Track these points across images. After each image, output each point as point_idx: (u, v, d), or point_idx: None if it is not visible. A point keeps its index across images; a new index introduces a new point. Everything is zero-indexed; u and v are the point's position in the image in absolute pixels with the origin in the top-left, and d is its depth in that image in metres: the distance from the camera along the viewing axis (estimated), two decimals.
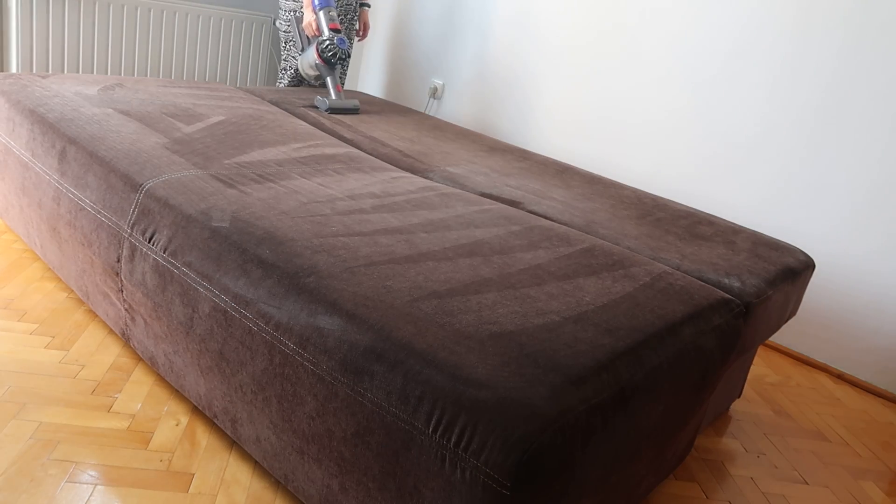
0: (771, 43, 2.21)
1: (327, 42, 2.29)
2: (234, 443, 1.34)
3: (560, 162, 2.14)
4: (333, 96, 2.30)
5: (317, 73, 2.39)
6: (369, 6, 2.75)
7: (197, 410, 1.41)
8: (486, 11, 2.98)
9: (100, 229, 1.43)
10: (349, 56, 2.40)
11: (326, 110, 2.23)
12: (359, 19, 2.71)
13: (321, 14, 2.34)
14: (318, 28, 2.38)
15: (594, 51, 2.66)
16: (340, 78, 2.55)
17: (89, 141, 1.54)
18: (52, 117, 1.65)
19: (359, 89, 3.58)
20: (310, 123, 2.14)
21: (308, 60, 2.39)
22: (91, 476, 1.19)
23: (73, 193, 1.50)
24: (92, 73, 2.64)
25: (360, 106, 2.34)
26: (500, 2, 2.93)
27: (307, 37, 2.46)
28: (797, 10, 2.15)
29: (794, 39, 2.16)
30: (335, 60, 2.32)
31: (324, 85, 2.64)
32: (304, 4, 2.43)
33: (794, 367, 2.21)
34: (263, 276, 1.12)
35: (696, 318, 1.22)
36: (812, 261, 1.71)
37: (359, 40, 2.75)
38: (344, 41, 2.32)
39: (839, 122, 2.11)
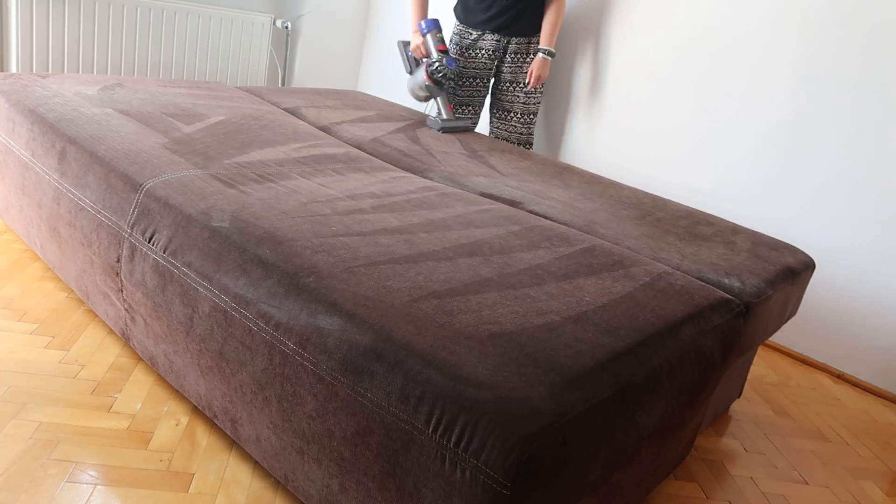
0: (772, 43, 2.21)
1: (437, 63, 2.34)
2: (234, 443, 1.34)
3: (560, 162, 2.14)
4: (445, 115, 2.35)
5: (426, 93, 2.43)
6: (551, 56, 2.44)
7: (197, 410, 1.42)
8: None
9: (100, 229, 1.43)
10: (457, 76, 2.45)
11: (440, 130, 2.28)
12: (532, 65, 2.46)
13: (428, 37, 2.38)
14: (426, 51, 2.40)
15: (597, 48, 2.66)
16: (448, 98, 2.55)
17: (89, 141, 1.54)
18: (52, 117, 1.65)
19: (359, 89, 3.58)
20: (309, 123, 2.14)
21: (417, 82, 2.43)
22: (91, 476, 1.19)
23: (73, 193, 1.50)
24: (92, 73, 2.64)
25: (472, 123, 2.38)
26: None
27: (415, 59, 2.49)
28: (798, 10, 2.15)
29: (795, 39, 2.16)
30: (445, 81, 2.38)
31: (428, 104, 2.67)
32: (412, 30, 2.46)
33: (794, 367, 2.21)
34: (263, 276, 1.12)
35: (696, 318, 1.22)
36: (812, 261, 1.71)
37: (525, 87, 2.50)
38: (453, 61, 2.35)
39: (839, 121, 2.11)
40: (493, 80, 2.59)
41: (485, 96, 2.60)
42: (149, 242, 1.31)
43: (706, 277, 1.46)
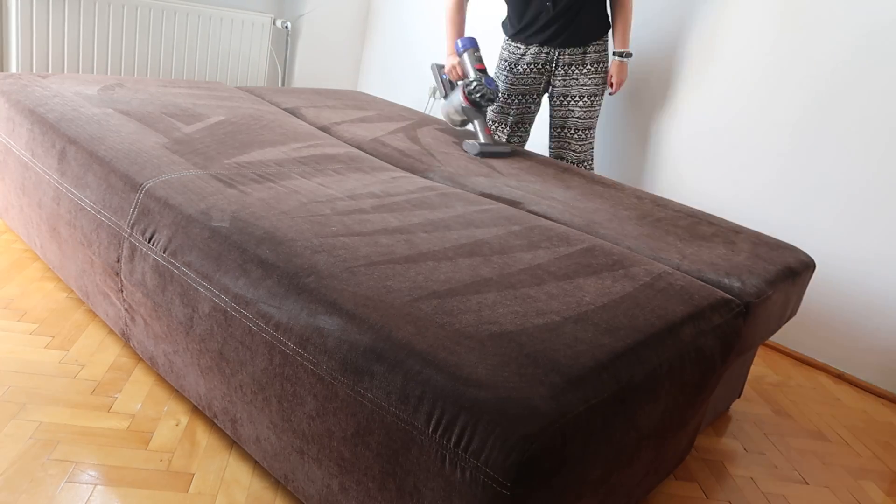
0: (771, 42, 2.21)
1: (475, 83, 2.12)
2: (234, 443, 1.34)
3: (561, 162, 2.14)
4: (483, 139, 2.12)
5: (463, 117, 2.21)
6: (628, 57, 2.25)
7: (197, 410, 1.42)
8: (486, 11, 2.98)
9: (100, 229, 1.43)
10: (497, 96, 2.17)
11: (477, 154, 2.07)
12: (610, 70, 2.27)
13: (465, 56, 2.18)
14: (463, 71, 2.19)
15: None
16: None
17: (89, 141, 1.54)
18: (52, 117, 1.65)
19: (359, 89, 3.59)
20: (309, 123, 2.14)
21: (453, 105, 2.21)
22: (91, 476, 1.19)
23: (72, 193, 1.50)
24: (92, 73, 2.64)
25: (512, 148, 2.18)
26: (500, 2, 2.93)
27: (450, 82, 2.30)
28: (796, 9, 2.15)
29: (794, 40, 2.16)
30: (484, 102, 2.14)
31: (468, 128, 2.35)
32: (447, 51, 2.27)
33: (794, 367, 2.21)
34: (263, 276, 1.12)
35: (696, 318, 1.22)
36: (812, 261, 1.71)
37: (609, 93, 2.31)
38: (492, 81, 2.13)
39: (840, 121, 2.11)
40: (546, 96, 2.35)
41: (535, 113, 2.40)
42: (149, 242, 1.31)
43: (706, 277, 1.46)
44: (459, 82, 2.20)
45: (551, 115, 2.34)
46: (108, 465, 1.22)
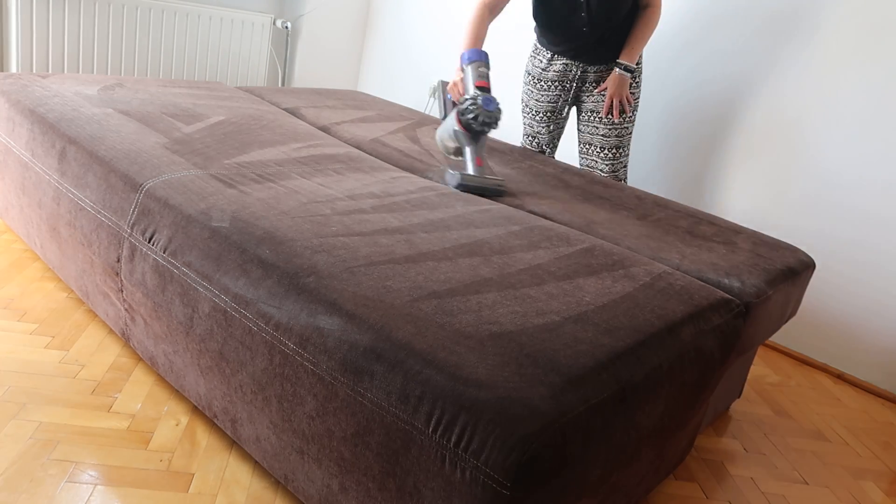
0: (769, 40, 2.21)
1: (469, 102, 1.71)
2: (234, 443, 1.34)
3: (561, 162, 2.14)
4: (470, 170, 1.73)
5: (456, 144, 1.80)
6: (629, 73, 2.06)
7: (197, 410, 1.42)
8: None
9: (100, 229, 1.43)
10: (497, 122, 1.74)
11: (457, 187, 1.70)
12: (605, 82, 2.10)
13: (468, 70, 1.78)
14: (464, 87, 1.80)
15: None
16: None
17: (89, 141, 1.54)
18: (52, 117, 1.65)
19: (359, 89, 3.59)
20: (309, 123, 2.14)
21: (447, 129, 1.81)
22: (91, 476, 1.19)
23: (73, 193, 1.50)
24: (92, 73, 2.64)
25: (504, 185, 1.77)
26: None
27: (453, 102, 1.91)
28: (790, 5, 2.15)
29: (793, 38, 2.16)
30: (476, 126, 1.72)
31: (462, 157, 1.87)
32: (457, 67, 1.91)
33: (794, 367, 2.21)
34: (263, 276, 1.12)
35: (696, 318, 1.22)
36: (812, 261, 1.71)
37: (601, 116, 2.12)
38: (492, 101, 1.71)
39: (840, 120, 2.11)
40: (574, 108, 2.20)
41: (562, 128, 2.27)
42: (149, 242, 1.31)
43: (706, 277, 1.46)
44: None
45: (579, 130, 2.21)
46: (108, 465, 1.22)
